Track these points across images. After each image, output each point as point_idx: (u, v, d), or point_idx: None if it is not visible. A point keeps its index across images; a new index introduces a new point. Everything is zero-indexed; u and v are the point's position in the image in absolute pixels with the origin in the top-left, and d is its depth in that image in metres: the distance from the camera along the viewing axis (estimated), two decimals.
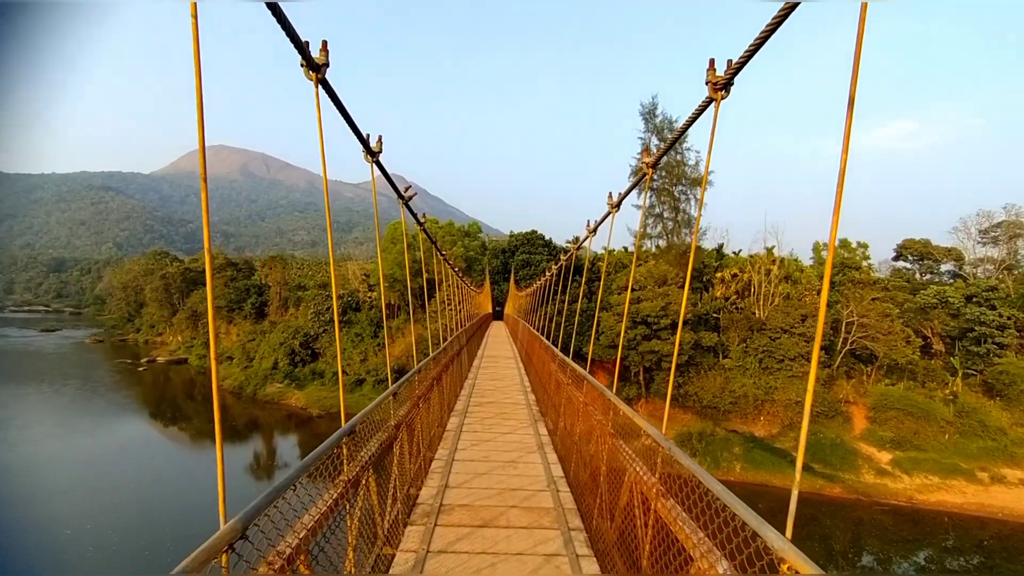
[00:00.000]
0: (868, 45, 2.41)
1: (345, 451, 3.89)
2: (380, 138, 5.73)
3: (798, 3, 2.90)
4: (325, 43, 3.86)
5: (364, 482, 4.30)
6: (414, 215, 9.50)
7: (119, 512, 21.88)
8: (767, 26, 3.15)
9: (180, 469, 29.37)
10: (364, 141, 5.52)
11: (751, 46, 3.35)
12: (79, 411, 39.86)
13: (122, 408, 42.49)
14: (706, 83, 3.71)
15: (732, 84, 3.63)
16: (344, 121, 4.92)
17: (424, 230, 10.94)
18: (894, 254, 51.64)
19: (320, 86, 3.94)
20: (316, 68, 3.83)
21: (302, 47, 3.69)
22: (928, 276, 49.59)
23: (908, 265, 51.23)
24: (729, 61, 3.59)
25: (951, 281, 45.56)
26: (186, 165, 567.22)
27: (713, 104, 3.81)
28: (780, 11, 3.03)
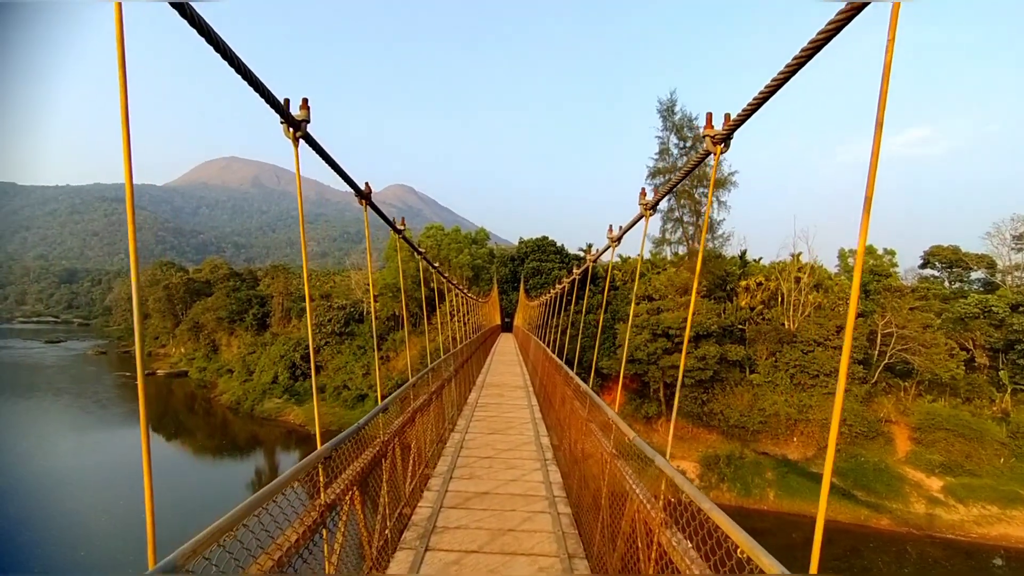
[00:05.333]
0: (877, 52, 2.14)
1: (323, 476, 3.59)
2: (368, 184, 5.96)
3: (799, 67, 2.67)
4: (305, 100, 3.79)
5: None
6: (413, 247, 9.49)
7: (74, 548, 19.71)
8: (767, 87, 2.94)
9: (162, 493, 27.18)
10: (354, 185, 5.57)
11: (751, 104, 3.19)
12: (65, 428, 38.10)
13: (112, 424, 40.60)
14: (703, 136, 3.61)
15: (731, 138, 3.51)
16: (332, 169, 4.89)
17: (425, 258, 10.63)
18: (921, 261, 48.92)
19: (303, 141, 3.88)
20: (296, 126, 3.72)
21: (280, 106, 3.57)
22: (958, 284, 46.83)
23: (936, 273, 48.46)
24: (727, 116, 3.48)
25: (981, 289, 42.84)
26: (199, 177, 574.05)
27: (712, 156, 3.69)
28: (781, 73, 2.77)
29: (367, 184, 6.01)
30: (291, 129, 3.69)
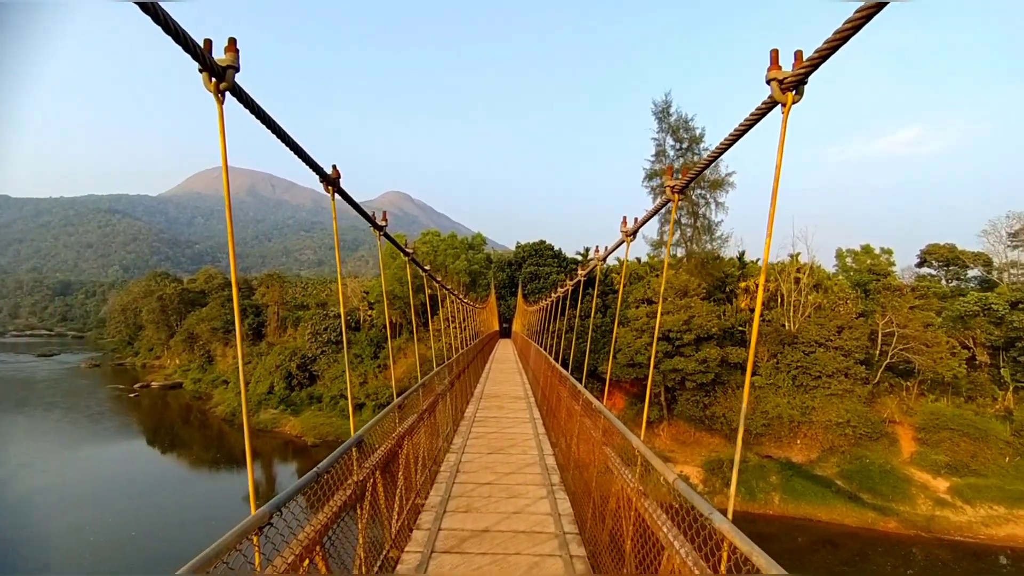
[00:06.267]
0: (870, 53, 1.08)
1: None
2: (335, 167, 5.01)
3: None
4: (233, 40, 2.95)
5: None
6: (398, 246, 9.13)
7: (60, 568, 19.02)
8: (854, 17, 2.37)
9: (157, 508, 26.57)
10: (318, 168, 4.56)
11: (830, 41, 2.51)
12: (55, 443, 37.34)
13: (103, 439, 39.96)
14: (768, 81, 2.83)
15: (805, 83, 2.76)
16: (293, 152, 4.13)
17: (412, 259, 9.87)
18: (917, 260, 48.79)
19: (230, 96, 3.04)
20: (219, 74, 2.87)
21: (197, 50, 2.72)
22: (955, 282, 46.70)
23: (933, 271, 48.34)
24: (798, 53, 2.72)
25: (978, 287, 42.68)
26: (193, 187, 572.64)
27: (781, 109, 2.86)
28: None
29: (335, 167, 5.06)
30: (212, 79, 2.87)
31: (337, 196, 5.04)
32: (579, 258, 50.10)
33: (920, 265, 48.50)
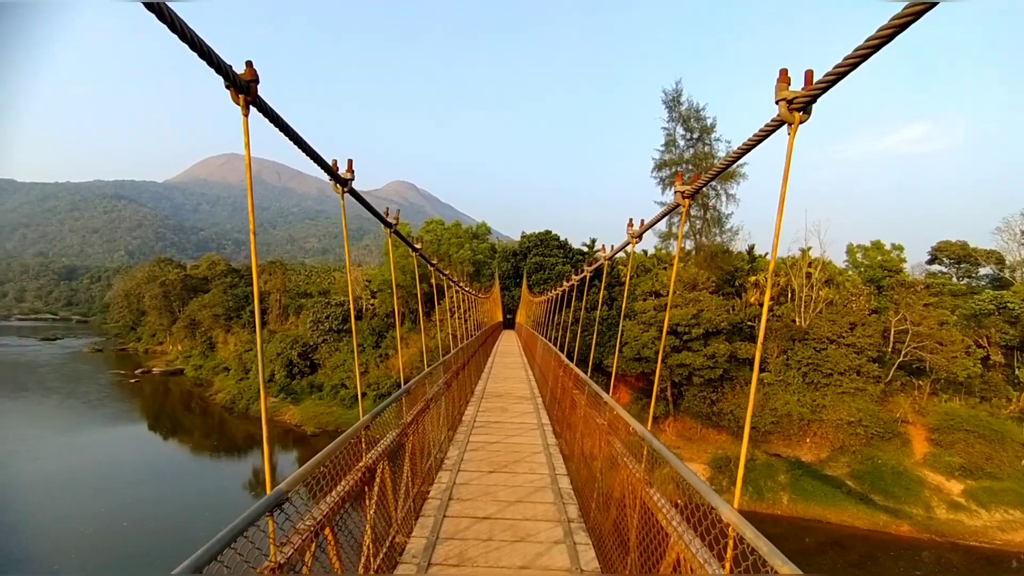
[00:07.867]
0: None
1: None
2: (350, 162, 4.85)
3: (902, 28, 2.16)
4: (249, 63, 3.15)
5: None
6: (406, 241, 8.95)
7: (47, 559, 18.52)
8: (876, 34, 2.27)
9: (157, 495, 26.09)
10: (328, 168, 4.56)
11: (847, 61, 2.45)
12: (51, 429, 36.98)
13: (101, 425, 39.62)
14: (776, 101, 2.80)
15: (814, 103, 2.73)
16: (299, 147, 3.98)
17: (420, 254, 9.83)
18: (928, 257, 47.87)
19: (252, 108, 3.19)
20: (244, 89, 3.07)
21: (225, 69, 2.92)
22: (966, 280, 45.76)
23: (944, 269, 47.42)
24: (808, 73, 2.68)
25: (989, 285, 41.77)
26: (199, 173, 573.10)
27: (788, 128, 2.85)
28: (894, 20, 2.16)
29: (350, 164, 4.76)
30: (239, 94, 3.08)
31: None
32: (585, 249, 49.33)
33: (931, 262, 47.65)
